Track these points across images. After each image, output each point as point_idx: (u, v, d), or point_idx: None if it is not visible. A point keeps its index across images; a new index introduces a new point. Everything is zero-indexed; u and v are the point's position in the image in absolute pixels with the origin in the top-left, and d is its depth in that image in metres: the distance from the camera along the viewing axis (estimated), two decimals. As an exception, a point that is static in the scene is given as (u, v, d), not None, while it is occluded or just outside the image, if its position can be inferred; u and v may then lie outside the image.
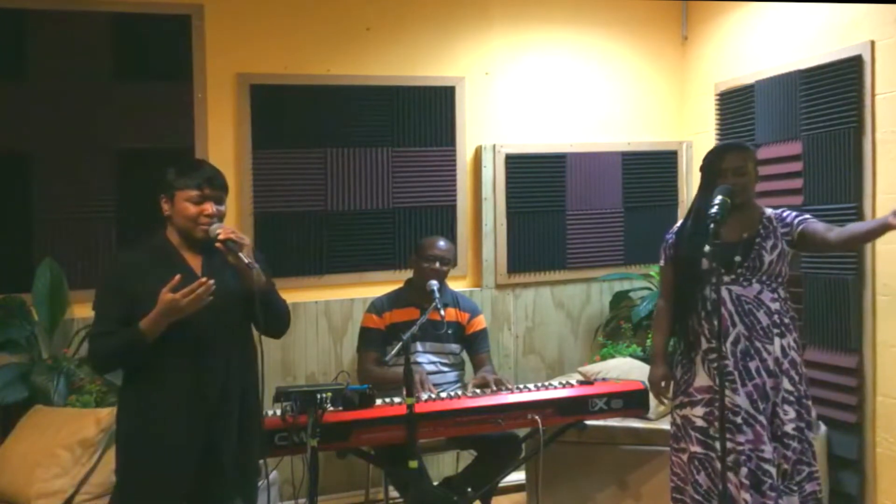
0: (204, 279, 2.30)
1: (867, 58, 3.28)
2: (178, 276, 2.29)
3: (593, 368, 3.72)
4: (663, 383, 2.98)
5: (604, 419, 3.34)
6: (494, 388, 3.23)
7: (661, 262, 3.06)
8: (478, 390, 3.25)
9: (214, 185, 2.44)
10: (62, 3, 3.56)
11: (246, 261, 2.35)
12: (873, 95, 3.28)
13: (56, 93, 3.57)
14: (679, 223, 3.04)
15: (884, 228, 2.55)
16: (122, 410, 2.46)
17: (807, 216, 2.85)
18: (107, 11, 3.62)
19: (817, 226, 2.80)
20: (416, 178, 4.09)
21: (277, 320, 2.57)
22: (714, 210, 2.61)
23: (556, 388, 3.27)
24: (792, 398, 2.76)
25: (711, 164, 2.86)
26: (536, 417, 3.09)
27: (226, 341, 2.44)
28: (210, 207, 2.41)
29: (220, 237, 2.36)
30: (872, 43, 3.28)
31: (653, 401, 3.30)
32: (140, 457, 2.37)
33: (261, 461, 2.62)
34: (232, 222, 3.78)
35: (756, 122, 3.88)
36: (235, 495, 2.46)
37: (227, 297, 2.40)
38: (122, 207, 3.65)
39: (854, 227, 2.74)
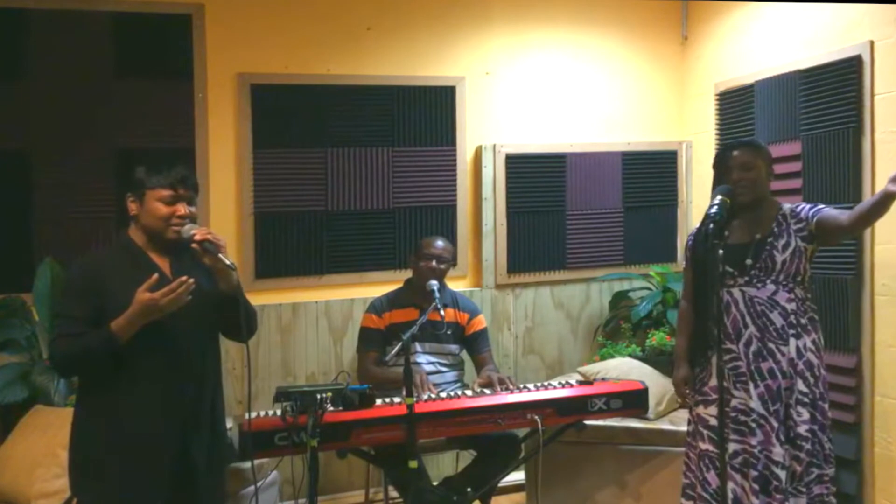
0: (184, 277, 2.24)
1: (866, 58, 3.29)
2: (155, 276, 2.24)
3: (593, 368, 3.73)
4: (685, 385, 2.96)
5: (603, 419, 3.34)
6: (499, 388, 3.23)
7: (684, 264, 3.06)
8: (486, 390, 3.25)
9: (188, 186, 2.38)
10: (63, 3, 3.56)
11: (227, 262, 2.31)
12: (872, 95, 3.28)
13: (56, 92, 3.57)
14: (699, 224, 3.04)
15: (886, 198, 2.50)
16: (87, 418, 2.35)
17: (821, 206, 2.82)
18: (107, 11, 3.62)
19: (832, 212, 2.78)
20: (416, 178, 4.09)
21: (250, 323, 2.52)
22: (713, 210, 2.61)
23: (555, 388, 3.27)
24: (806, 400, 2.74)
25: (720, 161, 2.86)
26: (536, 417, 3.09)
27: (199, 344, 2.40)
28: (183, 208, 2.35)
29: (197, 238, 2.31)
30: (872, 43, 3.28)
31: (652, 400, 3.30)
32: (111, 467, 2.29)
33: (249, 465, 2.60)
34: (232, 222, 3.79)
35: (756, 122, 3.88)
36: (206, 501, 2.43)
37: (198, 300, 2.34)
38: (122, 207, 3.60)
39: (860, 206, 2.68)
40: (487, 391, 3.24)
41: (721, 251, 2.58)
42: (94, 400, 2.36)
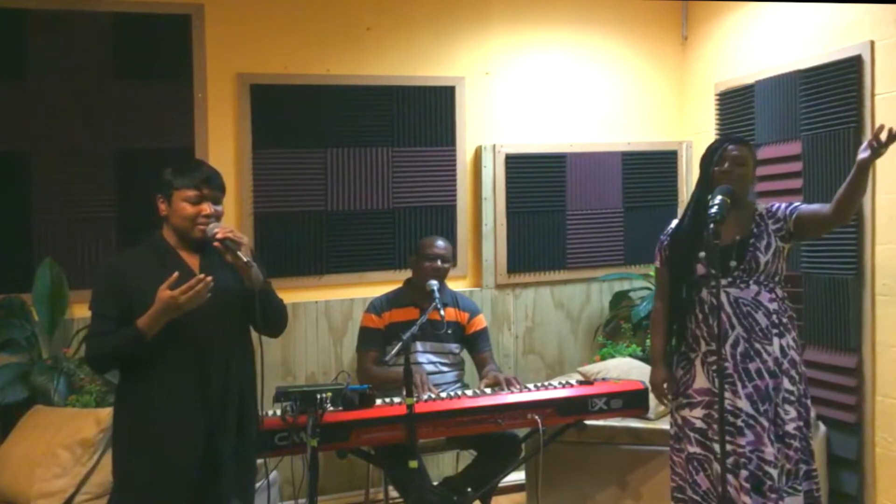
0: (202, 275, 2.30)
1: (867, 58, 3.29)
2: (175, 274, 2.29)
3: (593, 368, 3.72)
4: (665, 385, 2.96)
5: (604, 419, 3.34)
6: (508, 388, 3.24)
7: (657, 264, 3.05)
8: (487, 389, 3.25)
9: (212, 186, 2.44)
10: (62, 3, 3.56)
11: (245, 259, 2.36)
12: (873, 95, 3.28)
13: (56, 93, 3.57)
14: (674, 223, 3.03)
15: (860, 169, 2.52)
16: (120, 411, 2.45)
17: (797, 203, 2.83)
18: (107, 11, 3.62)
19: (811, 207, 2.80)
20: (416, 178, 4.09)
21: (276, 319, 2.58)
22: (714, 210, 2.60)
23: (555, 388, 3.27)
24: (792, 398, 2.75)
25: (713, 152, 2.84)
26: (536, 417, 3.09)
27: (225, 340, 2.45)
28: (208, 208, 2.42)
29: (218, 236, 2.37)
30: (872, 43, 3.28)
31: (653, 401, 3.30)
32: (142, 457, 2.37)
33: (259, 461, 2.62)
34: (232, 222, 3.78)
35: (756, 122, 3.88)
36: (234, 495, 2.46)
37: (225, 297, 2.41)
38: (122, 207, 3.65)
39: (839, 191, 2.64)
40: (488, 391, 3.23)
41: (703, 252, 2.57)
42: (126, 395, 2.44)
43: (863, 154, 2.50)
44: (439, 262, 3.50)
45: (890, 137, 2.45)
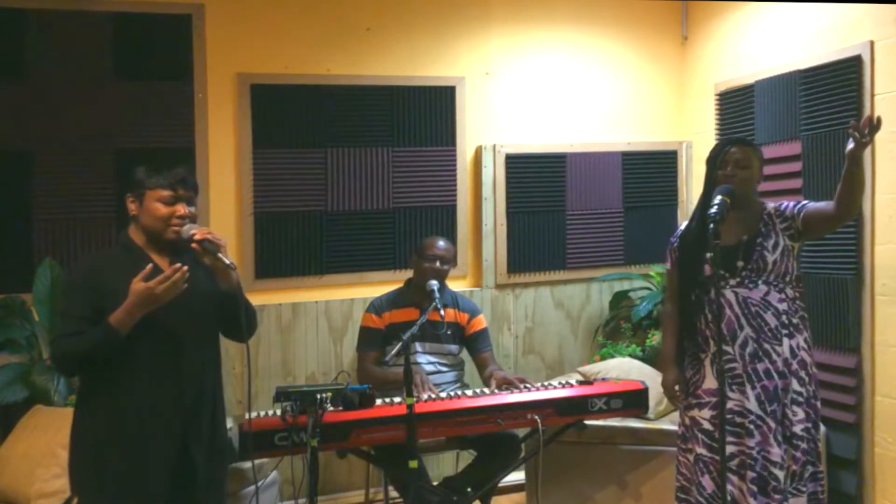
0: (178, 265, 2.24)
1: (866, 58, 3.29)
2: (149, 266, 2.25)
3: (593, 368, 3.73)
4: (676, 387, 2.94)
5: (603, 419, 3.34)
6: (519, 387, 3.24)
7: (668, 265, 3.05)
8: (496, 389, 3.26)
9: (187, 186, 2.39)
10: (62, 3, 3.56)
11: (227, 261, 2.32)
12: (873, 95, 3.28)
13: (56, 92, 3.57)
14: (684, 225, 3.03)
15: (851, 160, 2.53)
16: (85, 419, 2.35)
17: (805, 202, 2.83)
18: (107, 11, 3.62)
19: (817, 205, 2.79)
20: (416, 178, 4.09)
21: (251, 322, 2.53)
22: (713, 210, 2.60)
23: (555, 388, 3.27)
24: (801, 399, 2.74)
25: (715, 155, 2.85)
26: (536, 417, 3.09)
27: (199, 344, 2.41)
28: (182, 209, 2.36)
29: (197, 237, 2.32)
30: (872, 43, 3.28)
31: (652, 400, 3.30)
32: (112, 468, 2.29)
33: (249, 465, 2.59)
34: (232, 222, 3.79)
35: (756, 122, 3.88)
36: (206, 501, 2.43)
37: (199, 299, 2.36)
38: (122, 207, 3.59)
39: (838, 187, 2.65)
40: (487, 391, 3.24)
41: (711, 253, 2.57)
42: (94, 400, 2.36)
43: (850, 146, 2.51)
44: (438, 264, 3.49)
45: (872, 127, 2.46)
